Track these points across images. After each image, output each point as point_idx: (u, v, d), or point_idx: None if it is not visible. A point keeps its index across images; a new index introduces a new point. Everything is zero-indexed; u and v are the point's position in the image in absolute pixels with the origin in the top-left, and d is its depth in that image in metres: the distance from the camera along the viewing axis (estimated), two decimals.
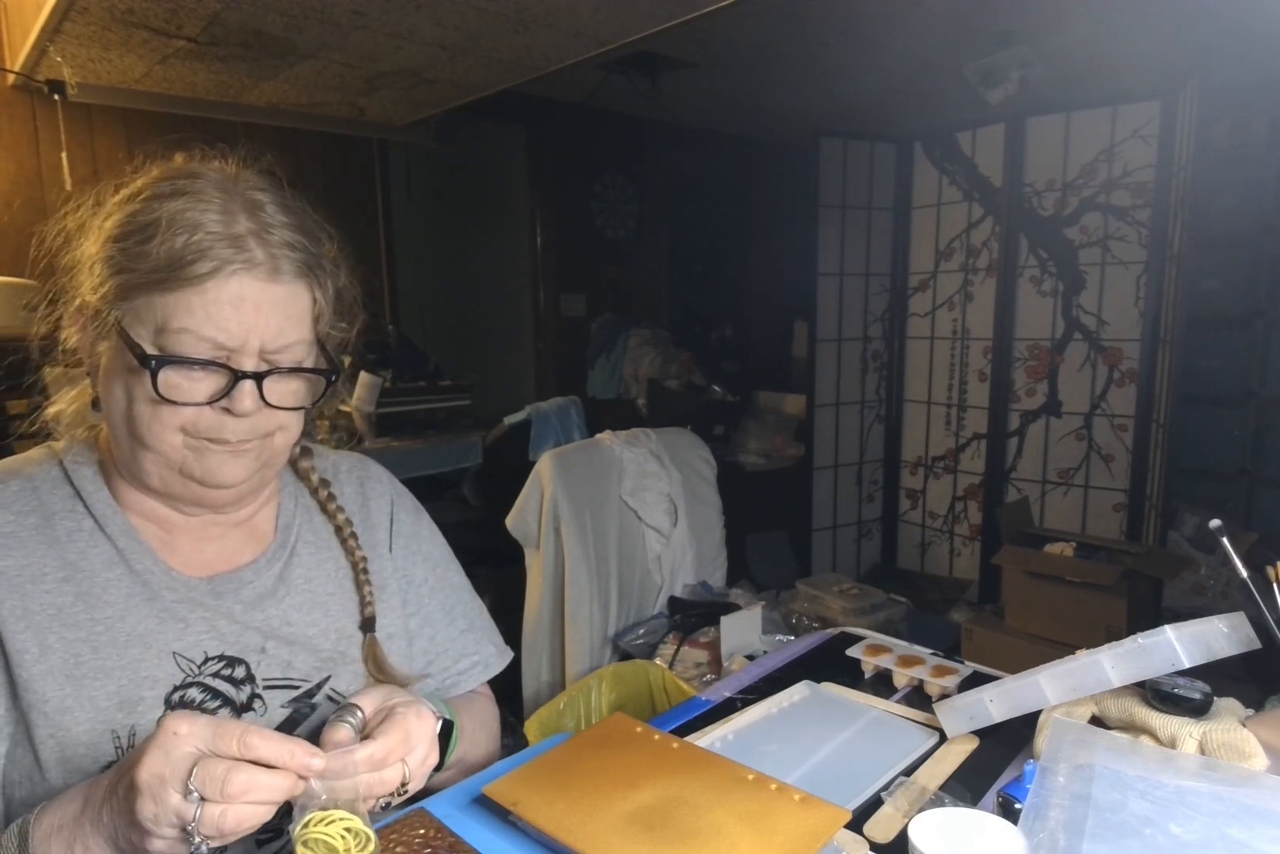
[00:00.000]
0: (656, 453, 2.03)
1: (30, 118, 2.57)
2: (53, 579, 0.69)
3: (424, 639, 0.88)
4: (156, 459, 0.70)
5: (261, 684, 0.74)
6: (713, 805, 0.70)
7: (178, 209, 0.66)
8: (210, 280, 0.65)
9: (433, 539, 0.93)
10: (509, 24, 2.06)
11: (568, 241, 3.94)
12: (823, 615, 2.86)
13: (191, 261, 0.65)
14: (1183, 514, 3.14)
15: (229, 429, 0.69)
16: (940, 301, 3.50)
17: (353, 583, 0.83)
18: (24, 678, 0.66)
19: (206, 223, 0.66)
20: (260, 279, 0.67)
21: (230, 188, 0.70)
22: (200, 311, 0.65)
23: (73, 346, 0.74)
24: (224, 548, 0.78)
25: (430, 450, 2.70)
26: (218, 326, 0.66)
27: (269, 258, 0.68)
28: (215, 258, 0.65)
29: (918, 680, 1.08)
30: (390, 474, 0.94)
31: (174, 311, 0.65)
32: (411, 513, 0.92)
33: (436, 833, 0.71)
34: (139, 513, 0.75)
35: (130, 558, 0.72)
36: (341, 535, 0.84)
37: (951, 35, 2.79)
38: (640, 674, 1.58)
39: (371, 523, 0.87)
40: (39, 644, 0.67)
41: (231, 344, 0.66)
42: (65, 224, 0.72)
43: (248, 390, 0.67)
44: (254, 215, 0.69)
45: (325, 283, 0.73)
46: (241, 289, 0.66)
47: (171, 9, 1.95)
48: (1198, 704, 0.79)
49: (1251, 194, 3.16)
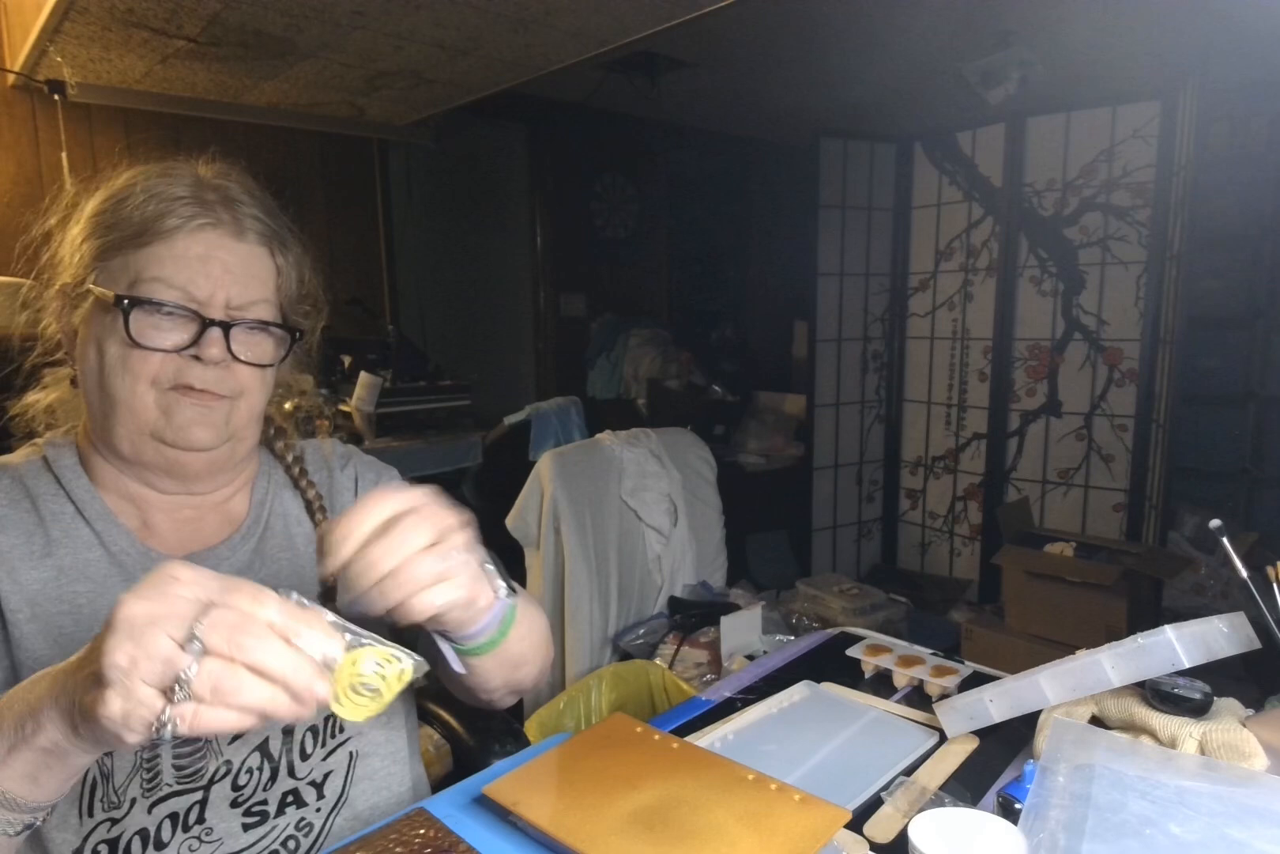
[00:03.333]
0: (656, 453, 2.03)
1: (30, 118, 2.57)
2: (38, 556, 0.71)
3: None
4: (128, 419, 0.72)
5: None
6: (713, 805, 0.70)
7: (152, 183, 0.72)
8: (179, 233, 0.70)
9: (398, 485, 0.95)
10: (509, 24, 2.06)
11: (568, 241, 3.94)
12: (823, 615, 2.86)
13: (162, 217, 0.70)
14: (1183, 514, 3.14)
15: (194, 375, 0.71)
16: (940, 301, 3.50)
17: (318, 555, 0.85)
18: (16, 636, 0.68)
19: (176, 191, 0.72)
20: (226, 236, 0.72)
21: (201, 174, 0.76)
22: (170, 263, 0.70)
23: (52, 334, 0.77)
24: (201, 528, 0.80)
25: (430, 450, 2.70)
26: (188, 278, 0.70)
27: (234, 220, 0.73)
28: (183, 214, 0.71)
29: (918, 680, 1.08)
30: (354, 448, 0.97)
31: (146, 264, 0.70)
32: (376, 470, 0.94)
33: (436, 833, 0.71)
34: (118, 493, 0.77)
35: (107, 540, 0.74)
36: (311, 509, 0.87)
37: (951, 35, 2.79)
38: (640, 674, 1.58)
39: (337, 489, 0.90)
40: (30, 606, 0.69)
41: (200, 296, 0.71)
42: (49, 221, 0.76)
43: (215, 337, 0.71)
44: (219, 192, 0.75)
45: (288, 256, 0.78)
46: (209, 244, 0.71)
47: (171, 9, 1.95)
48: (1198, 704, 0.79)
49: (1251, 194, 3.16)
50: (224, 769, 0.72)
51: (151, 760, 0.69)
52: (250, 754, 0.74)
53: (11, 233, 2.99)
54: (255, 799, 0.74)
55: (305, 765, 0.77)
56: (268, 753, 0.75)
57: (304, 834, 0.77)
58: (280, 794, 0.75)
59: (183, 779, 0.71)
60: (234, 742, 0.73)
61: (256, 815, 0.74)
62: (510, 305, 4.09)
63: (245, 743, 0.74)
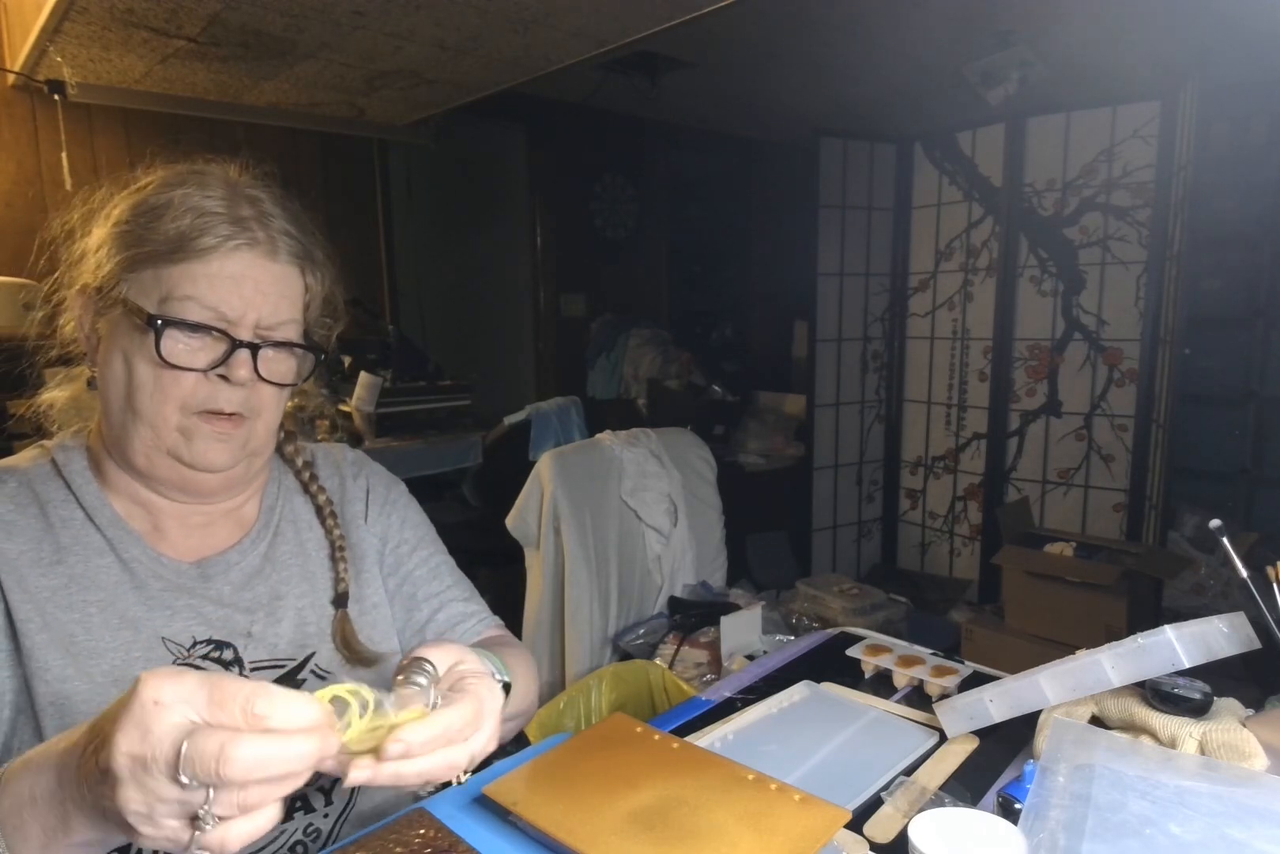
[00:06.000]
0: (656, 453, 2.03)
1: (30, 118, 2.56)
2: (48, 563, 0.71)
3: (403, 598, 0.89)
4: (147, 437, 0.72)
5: (249, 666, 0.76)
6: (713, 805, 0.70)
7: (186, 194, 0.71)
8: (215, 253, 0.70)
9: (410, 506, 0.96)
10: (509, 24, 2.06)
11: (568, 241, 3.94)
12: (823, 615, 2.86)
13: (198, 236, 0.69)
14: (1183, 514, 3.14)
15: (223, 398, 0.72)
16: (940, 301, 3.50)
17: (330, 560, 0.85)
18: (27, 646, 0.68)
19: (212, 206, 0.71)
20: (260, 257, 0.72)
21: (232, 183, 0.75)
22: (204, 282, 0.69)
23: (69, 333, 0.76)
24: (211, 533, 0.80)
25: (430, 450, 2.70)
26: (220, 297, 0.70)
27: (269, 239, 0.73)
28: (220, 234, 0.70)
29: (918, 680, 1.08)
30: (365, 455, 0.97)
31: (179, 281, 0.69)
32: (386, 483, 0.95)
33: (436, 833, 0.71)
34: (128, 498, 0.76)
35: (118, 547, 0.74)
36: (322, 515, 0.86)
37: (951, 35, 2.79)
38: (640, 674, 1.58)
39: (349, 498, 0.90)
40: (41, 615, 0.69)
41: (231, 316, 0.71)
42: (70, 218, 0.75)
43: (244, 359, 0.71)
44: (254, 205, 0.74)
45: (317, 274, 0.78)
46: (243, 265, 0.71)
47: (171, 9, 1.95)
48: (1198, 704, 0.79)
49: (1251, 194, 3.16)
50: None
51: None
52: None
53: (12, 232, 2.98)
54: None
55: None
56: None
57: (312, 839, 0.77)
58: (290, 799, 0.75)
59: None
60: None
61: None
62: (510, 305, 4.09)
63: None
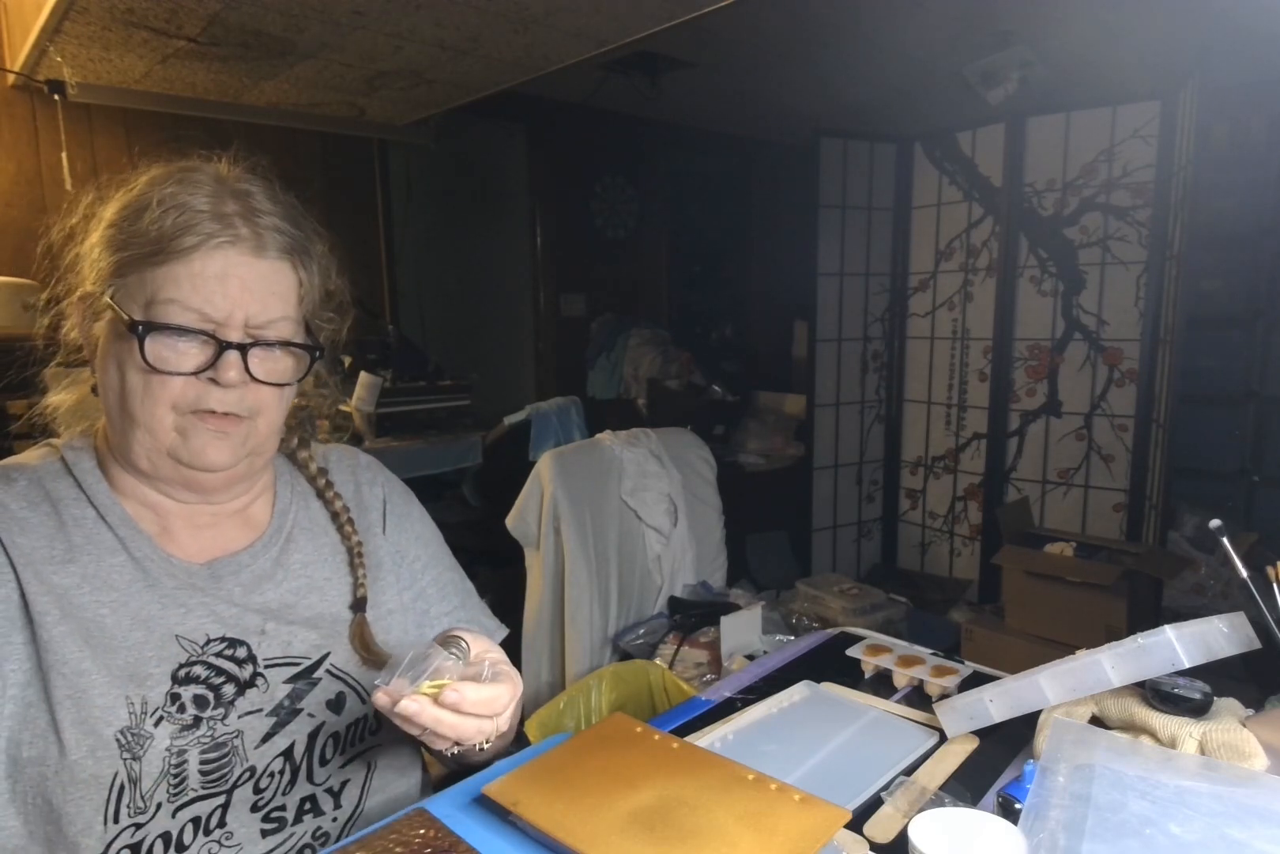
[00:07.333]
0: (656, 453, 2.03)
1: (30, 118, 2.57)
2: (60, 561, 0.71)
3: (416, 613, 0.90)
4: (146, 439, 0.72)
5: (263, 663, 0.76)
6: (713, 805, 0.70)
7: (170, 192, 0.70)
8: (196, 253, 0.68)
9: (423, 520, 0.96)
10: (509, 24, 2.06)
11: (568, 241, 3.94)
12: (823, 615, 2.86)
13: (179, 235, 0.68)
14: (1183, 514, 3.14)
15: (214, 399, 0.71)
16: (940, 301, 3.49)
17: (348, 566, 0.85)
18: (44, 639, 0.67)
19: (195, 203, 0.70)
20: (245, 254, 0.70)
21: (221, 179, 0.74)
22: (187, 283, 0.68)
23: (74, 339, 0.76)
24: (219, 535, 0.80)
25: (430, 450, 2.70)
26: (204, 298, 0.68)
27: (254, 235, 0.71)
28: (202, 232, 0.68)
29: (918, 680, 1.08)
30: (377, 461, 0.97)
31: (162, 284, 0.68)
32: (402, 495, 0.95)
33: (436, 833, 0.71)
34: (137, 500, 0.77)
35: (130, 546, 0.74)
36: (339, 521, 0.86)
37: (951, 35, 2.79)
38: (640, 674, 1.58)
39: (365, 506, 0.89)
40: (59, 608, 0.69)
41: (217, 316, 0.69)
42: (69, 221, 0.75)
43: (233, 361, 0.70)
44: (242, 201, 0.72)
45: (311, 267, 0.77)
46: (227, 263, 0.69)
47: (171, 9, 1.95)
48: (1198, 704, 0.79)
49: (1251, 194, 3.16)
50: (248, 774, 0.73)
51: (179, 765, 0.69)
52: (275, 759, 0.74)
53: (12, 232, 2.98)
54: (274, 804, 0.74)
55: (324, 771, 0.77)
56: (290, 757, 0.75)
57: (320, 843, 0.77)
58: (299, 800, 0.76)
59: (208, 783, 0.71)
60: (260, 746, 0.73)
61: (275, 822, 0.74)
62: (510, 305, 4.09)
63: (271, 746, 0.74)
